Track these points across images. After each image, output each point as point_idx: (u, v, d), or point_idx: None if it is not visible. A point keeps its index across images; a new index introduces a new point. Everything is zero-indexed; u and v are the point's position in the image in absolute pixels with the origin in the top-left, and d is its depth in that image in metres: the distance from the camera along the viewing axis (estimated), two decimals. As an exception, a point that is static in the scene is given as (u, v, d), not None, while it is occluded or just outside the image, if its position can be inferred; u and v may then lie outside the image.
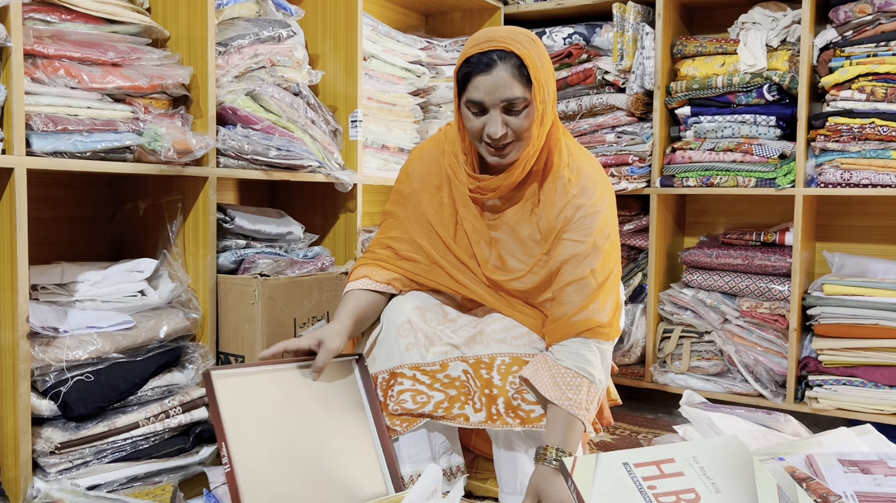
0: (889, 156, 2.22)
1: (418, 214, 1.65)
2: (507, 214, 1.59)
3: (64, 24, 1.59)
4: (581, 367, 1.47)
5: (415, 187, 1.66)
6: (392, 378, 1.58)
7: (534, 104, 1.45)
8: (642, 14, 2.61)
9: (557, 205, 1.54)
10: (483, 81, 1.42)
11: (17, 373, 1.45)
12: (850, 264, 2.45)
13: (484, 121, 1.46)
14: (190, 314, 1.78)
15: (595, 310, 1.50)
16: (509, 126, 1.45)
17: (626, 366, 2.68)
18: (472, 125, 1.48)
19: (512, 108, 1.44)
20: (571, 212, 1.53)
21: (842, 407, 2.28)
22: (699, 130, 2.53)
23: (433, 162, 1.65)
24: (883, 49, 2.25)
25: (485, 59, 1.42)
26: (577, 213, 1.52)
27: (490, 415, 1.52)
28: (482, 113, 1.46)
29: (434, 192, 1.64)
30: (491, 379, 1.52)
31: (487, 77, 1.42)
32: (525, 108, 1.44)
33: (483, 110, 1.45)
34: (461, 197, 1.61)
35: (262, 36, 1.94)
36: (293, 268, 1.97)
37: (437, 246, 1.65)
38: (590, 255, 1.51)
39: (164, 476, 1.66)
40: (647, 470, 1.14)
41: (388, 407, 1.57)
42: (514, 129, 1.45)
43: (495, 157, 1.49)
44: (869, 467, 1.38)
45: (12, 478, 1.47)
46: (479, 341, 1.56)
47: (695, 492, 1.10)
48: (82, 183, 1.94)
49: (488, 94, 1.42)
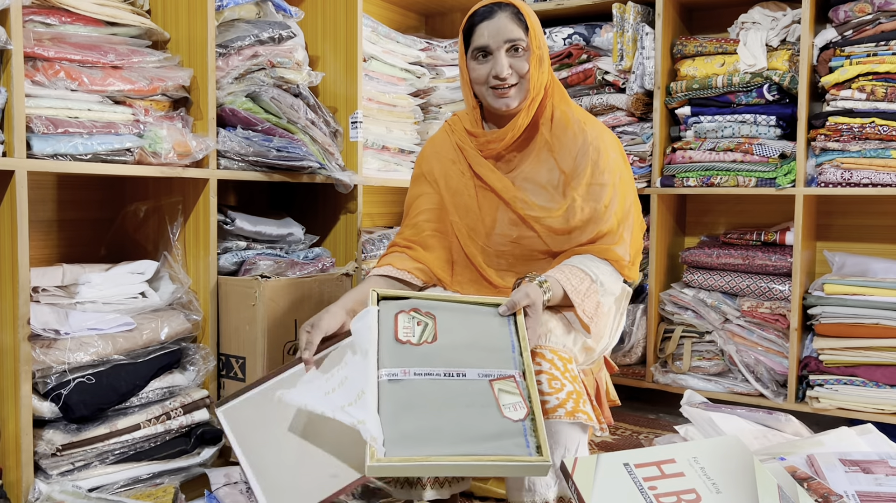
0: (889, 155, 2.22)
1: (437, 184, 1.74)
2: (521, 165, 1.69)
3: (64, 26, 1.59)
4: (585, 264, 1.56)
5: (431, 164, 1.76)
6: None
7: (531, 48, 1.61)
8: (642, 14, 2.62)
9: (577, 145, 1.64)
10: (487, 27, 1.60)
11: (18, 375, 1.45)
12: (851, 264, 2.45)
13: (489, 65, 1.60)
14: (191, 316, 1.79)
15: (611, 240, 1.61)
16: (513, 68, 1.60)
17: (627, 367, 2.68)
18: (478, 73, 1.62)
19: (514, 48, 1.59)
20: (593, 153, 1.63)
21: (843, 406, 2.28)
22: (699, 130, 2.53)
23: (443, 142, 1.77)
24: (883, 48, 2.25)
25: (487, 9, 1.62)
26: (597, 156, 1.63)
27: None
28: (486, 59, 1.61)
29: (449, 164, 1.74)
30: None
31: (491, 22, 1.59)
32: (525, 51, 1.60)
33: (487, 56, 1.60)
34: (475, 160, 1.70)
35: (262, 37, 1.94)
36: (294, 270, 1.97)
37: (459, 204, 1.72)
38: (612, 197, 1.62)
39: (166, 477, 1.66)
40: (648, 470, 1.14)
41: None
42: (516, 69, 1.60)
43: (501, 99, 1.61)
44: (870, 467, 1.38)
45: (14, 481, 1.47)
46: None
47: (695, 493, 1.09)
48: (83, 185, 1.94)
49: (492, 37, 1.59)
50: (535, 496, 1.53)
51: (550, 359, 1.50)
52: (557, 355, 1.51)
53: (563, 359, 1.52)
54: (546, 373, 1.49)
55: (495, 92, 1.61)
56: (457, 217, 1.71)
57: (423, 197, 1.75)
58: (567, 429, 1.52)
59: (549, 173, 1.66)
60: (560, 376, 1.49)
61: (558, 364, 1.50)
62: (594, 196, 1.62)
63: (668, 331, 2.61)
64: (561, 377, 1.49)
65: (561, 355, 1.52)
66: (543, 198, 1.66)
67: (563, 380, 1.49)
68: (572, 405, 1.47)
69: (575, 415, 1.47)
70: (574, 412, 1.47)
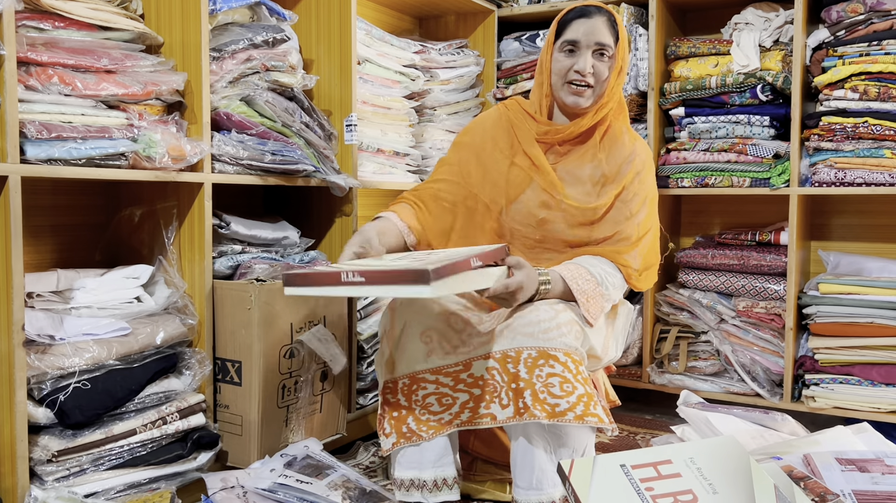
0: (882, 154, 2.23)
1: (470, 157, 1.81)
2: (568, 157, 1.75)
3: (57, 31, 1.59)
4: (594, 265, 1.63)
5: (473, 136, 1.85)
6: (413, 383, 1.58)
7: (616, 57, 1.68)
8: (635, 16, 2.62)
9: (625, 153, 1.74)
10: (582, 24, 1.67)
11: (13, 381, 1.44)
12: (845, 263, 2.46)
13: (573, 60, 1.67)
14: (186, 320, 1.78)
15: (625, 245, 1.67)
16: (595, 69, 1.67)
17: (624, 367, 2.68)
18: (562, 65, 1.68)
19: (601, 52, 1.67)
20: (639, 165, 1.72)
21: (839, 405, 2.29)
22: (693, 131, 2.54)
23: (493, 119, 1.85)
24: (875, 48, 2.26)
25: (585, 9, 1.69)
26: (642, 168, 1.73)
27: (518, 410, 1.51)
28: (572, 54, 1.68)
29: (489, 140, 1.81)
30: (518, 372, 1.52)
31: (587, 21, 1.67)
32: (610, 59, 1.68)
33: (573, 52, 1.67)
34: (528, 141, 1.77)
35: (256, 41, 1.94)
36: (289, 273, 1.97)
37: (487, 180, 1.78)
38: (640, 208, 1.70)
39: (162, 482, 1.65)
40: (645, 471, 1.14)
41: (415, 411, 1.57)
42: (597, 72, 1.67)
43: (574, 96, 1.68)
44: (866, 465, 1.38)
45: (9, 487, 1.46)
46: (505, 335, 1.56)
47: (692, 494, 1.10)
48: (77, 190, 1.93)
49: (585, 35, 1.66)
50: (542, 495, 1.53)
51: (564, 361, 1.50)
52: (571, 357, 1.52)
53: (576, 361, 1.52)
54: (559, 376, 1.49)
55: (570, 87, 1.69)
56: (479, 189, 1.79)
57: (450, 167, 1.84)
58: (575, 432, 1.52)
59: (592, 170, 1.74)
60: (573, 379, 1.50)
61: (571, 366, 1.51)
62: (627, 201, 1.70)
63: (664, 331, 2.61)
64: (573, 380, 1.50)
65: (574, 357, 1.52)
66: (580, 191, 1.73)
67: (574, 383, 1.50)
68: (582, 409, 1.48)
69: (584, 418, 1.47)
70: (584, 416, 1.47)
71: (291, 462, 1.75)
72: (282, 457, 1.77)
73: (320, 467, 1.75)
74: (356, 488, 1.68)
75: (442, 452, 1.60)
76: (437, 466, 1.60)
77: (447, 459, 1.62)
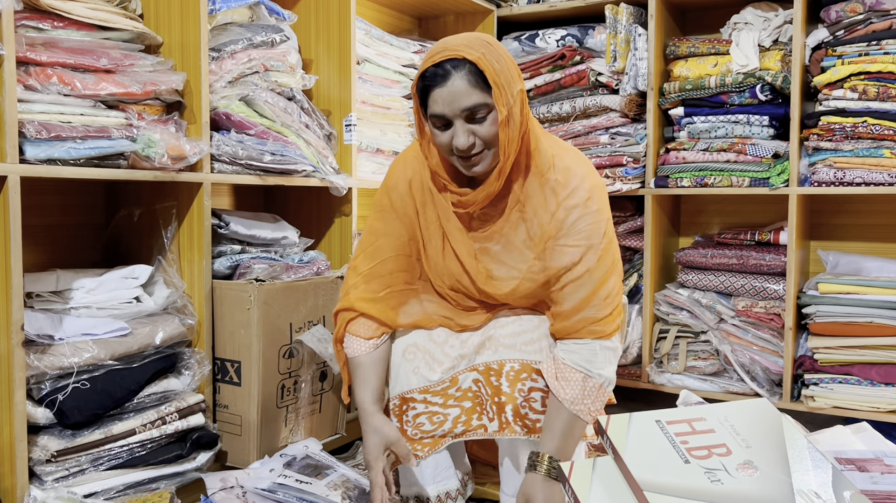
0: (882, 154, 2.23)
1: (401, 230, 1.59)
2: (497, 224, 1.53)
3: (56, 31, 1.59)
4: (578, 363, 1.45)
5: (395, 203, 1.60)
6: (403, 403, 1.55)
7: (496, 107, 1.37)
8: (634, 15, 2.62)
9: (549, 208, 1.49)
10: (440, 94, 1.36)
11: (12, 381, 1.44)
12: (845, 263, 2.46)
13: (451, 133, 1.40)
14: (185, 320, 1.78)
15: (594, 309, 1.47)
16: (476, 135, 1.39)
17: (623, 367, 2.68)
18: (441, 140, 1.42)
19: (474, 115, 1.38)
20: (563, 214, 1.47)
21: (838, 405, 2.29)
22: (693, 131, 2.54)
23: (416, 174, 1.58)
24: (874, 48, 2.26)
25: (440, 71, 1.36)
26: (569, 216, 1.47)
27: (501, 424, 1.50)
28: (447, 126, 1.40)
29: (421, 207, 1.58)
30: (500, 386, 1.49)
31: (444, 89, 1.36)
32: (489, 113, 1.38)
33: (447, 123, 1.39)
34: (445, 212, 1.55)
35: (256, 41, 1.94)
36: (288, 273, 1.97)
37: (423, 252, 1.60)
38: (586, 257, 1.46)
39: (162, 483, 1.65)
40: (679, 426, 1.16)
41: (407, 432, 1.55)
42: (481, 137, 1.39)
43: (470, 166, 1.43)
44: (865, 465, 1.38)
45: (8, 487, 1.46)
46: (487, 347, 1.53)
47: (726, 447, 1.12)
48: (76, 190, 1.93)
49: (447, 105, 1.36)
50: None
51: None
52: None
53: None
54: (541, 391, 1.48)
55: (461, 161, 1.43)
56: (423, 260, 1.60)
57: (387, 238, 1.59)
58: None
59: (523, 234, 1.52)
60: None
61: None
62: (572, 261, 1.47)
63: (663, 331, 2.61)
64: None
65: None
66: (517, 260, 1.52)
67: None
68: None
69: None
70: None
71: (291, 462, 1.75)
72: (281, 457, 1.77)
73: (320, 467, 1.75)
74: (356, 488, 1.68)
75: (440, 466, 1.59)
76: (438, 481, 1.60)
77: (448, 472, 1.61)
